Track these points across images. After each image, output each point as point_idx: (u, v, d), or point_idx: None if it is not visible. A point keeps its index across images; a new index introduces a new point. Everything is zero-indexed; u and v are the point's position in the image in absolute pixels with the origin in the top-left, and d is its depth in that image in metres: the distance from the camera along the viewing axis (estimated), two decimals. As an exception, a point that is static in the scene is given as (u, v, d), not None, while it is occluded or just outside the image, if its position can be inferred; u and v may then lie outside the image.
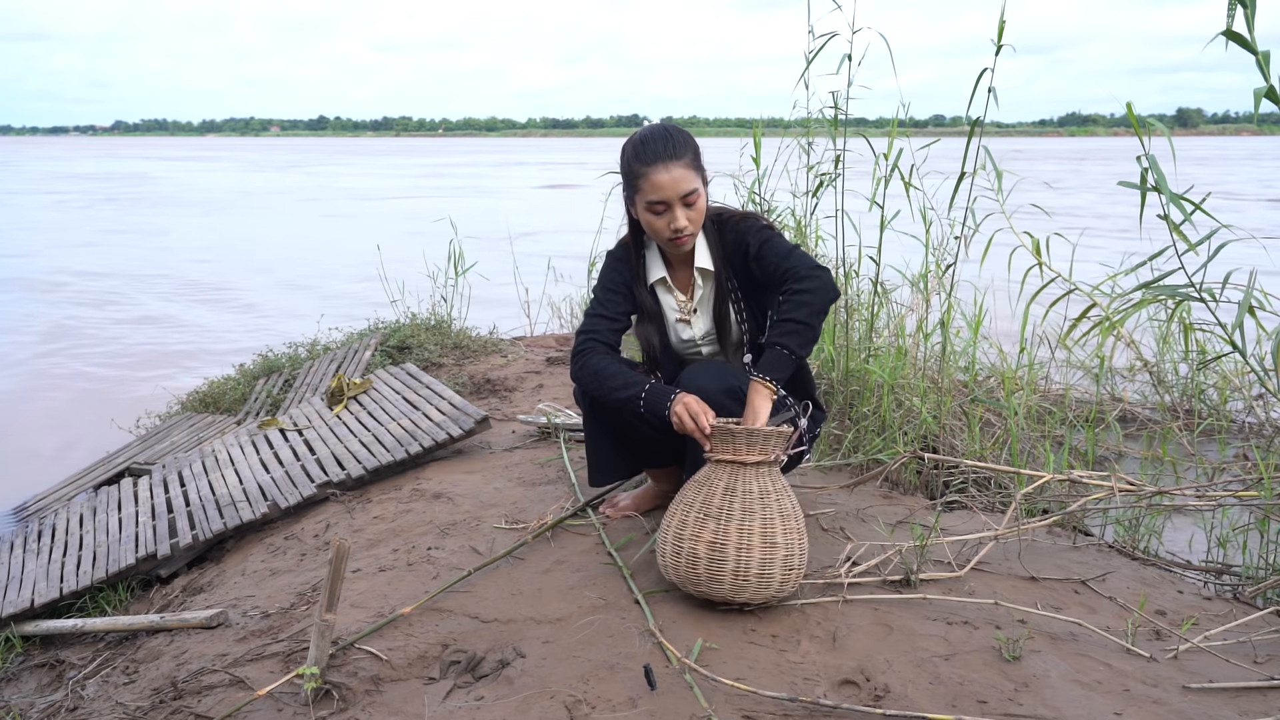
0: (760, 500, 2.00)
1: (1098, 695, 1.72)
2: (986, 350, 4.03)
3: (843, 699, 1.71)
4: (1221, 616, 2.11)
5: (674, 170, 2.21)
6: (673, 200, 2.22)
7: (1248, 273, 2.32)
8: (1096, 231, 13.15)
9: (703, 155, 2.32)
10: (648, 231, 2.33)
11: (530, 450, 3.31)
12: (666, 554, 2.04)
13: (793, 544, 1.99)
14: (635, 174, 2.25)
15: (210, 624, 2.30)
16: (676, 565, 2.01)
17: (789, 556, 1.98)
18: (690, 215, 2.25)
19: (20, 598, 2.89)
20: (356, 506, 2.99)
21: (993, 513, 2.77)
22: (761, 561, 1.95)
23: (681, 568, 2.00)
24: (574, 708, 1.69)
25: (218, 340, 8.01)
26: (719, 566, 1.96)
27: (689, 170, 2.23)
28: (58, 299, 9.83)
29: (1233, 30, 2.06)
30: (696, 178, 2.25)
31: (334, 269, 11.78)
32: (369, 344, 4.89)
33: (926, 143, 3.54)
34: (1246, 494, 2.47)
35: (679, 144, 2.24)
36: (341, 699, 1.80)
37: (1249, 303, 2.24)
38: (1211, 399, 3.89)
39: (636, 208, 2.30)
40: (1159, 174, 2.25)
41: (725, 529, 1.97)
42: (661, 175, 2.21)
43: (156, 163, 52.85)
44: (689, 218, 2.25)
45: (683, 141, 2.25)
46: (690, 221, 2.26)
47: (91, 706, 2.14)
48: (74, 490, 4.15)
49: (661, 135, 2.25)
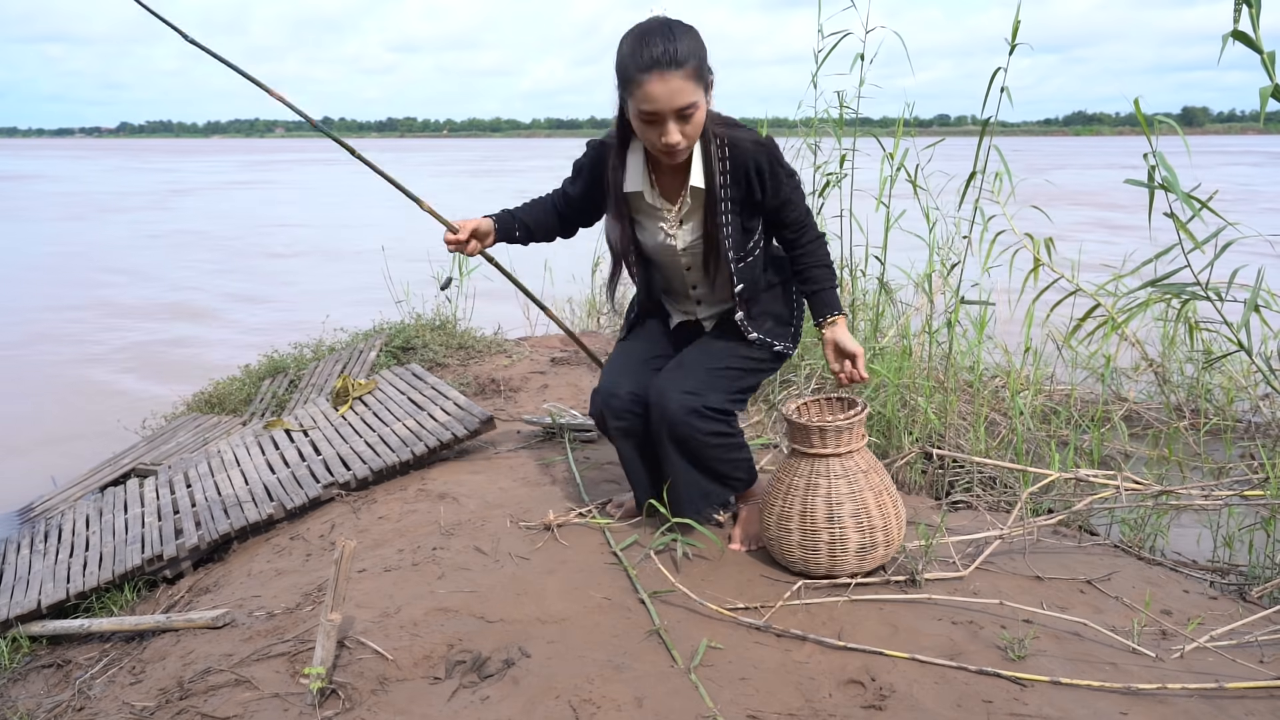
0: (848, 481, 2.14)
1: (1103, 695, 1.72)
2: (991, 350, 4.02)
3: (847, 699, 1.71)
4: (1227, 616, 2.10)
5: (671, 81, 1.96)
6: (666, 113, 2.00)
7: (1254, 271, 2.32)
8: (1099, 231, 13.13)
9: (708, 57, 2.05)
10: (638, 134, 2.12)
11: (535, 450, 3.31)
12: (780, 541, 2.20)
13: (889, 516, 2.14)
14: (629, 77, 2.01)
15: (216, 624, 2.31)
16: (787, 550, 2.19)
17: (886, 527, 2.14)
18: (685, 130, 2.04)
19: (27, 598, 2.90)
20: (362, 507, 2.99)
21: (998, 512, 2.76)
22: (859, 538, 2.12)
23: (797, 552, 2.17)
24: (579, 707, 1.69)
25: (219, 340, 8.03)
26: (815, 544, 2.14)
27: (688, 82, 1.98)
28: (60, 300, 9.86)
29: (1239, 30, 2.06)
30: (697, 89, 2.00)
31: (337, 269, 11.80)
32: (374, 344, 4.90)
33: (931, 142, 3.54)
34: (1252, 494, 2.47)
35: (681, 49, 1.96)
36: (347, 699, 1.81)
37: (1255, 301, 2.24)
38: (1217, 398, 3.88)
39: (628, 110, 2.08)
40: (1169, 171, 2.25)
41: (817, 512, 2.14)
42: (656, 86, 1.97)
43: (159, 167, 52.94)
44: (684, 132, 2.04)
45: (686, 46, 1.98)
46: (685, 136, 2.05)
47: (98, 706, 2.14)
48: (80, 491, 4.16)
49: (662, 35, 1.97)
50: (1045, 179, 6.27)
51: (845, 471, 2.15)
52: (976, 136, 2.99)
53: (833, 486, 2.14)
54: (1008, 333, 4.16)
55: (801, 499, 2.15)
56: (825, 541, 2.12)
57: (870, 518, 2.12)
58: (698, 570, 2.25)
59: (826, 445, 2.15)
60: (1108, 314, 2.99)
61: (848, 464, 2.16)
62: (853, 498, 2.13)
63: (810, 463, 2.17)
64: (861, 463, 2.17)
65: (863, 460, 2.18)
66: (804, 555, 2.16)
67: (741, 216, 2.27)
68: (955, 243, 3.42)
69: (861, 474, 2.15)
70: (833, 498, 2.13)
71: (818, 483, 2.15)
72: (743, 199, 2.24)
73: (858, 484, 2.14)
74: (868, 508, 2.12)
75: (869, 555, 2.14)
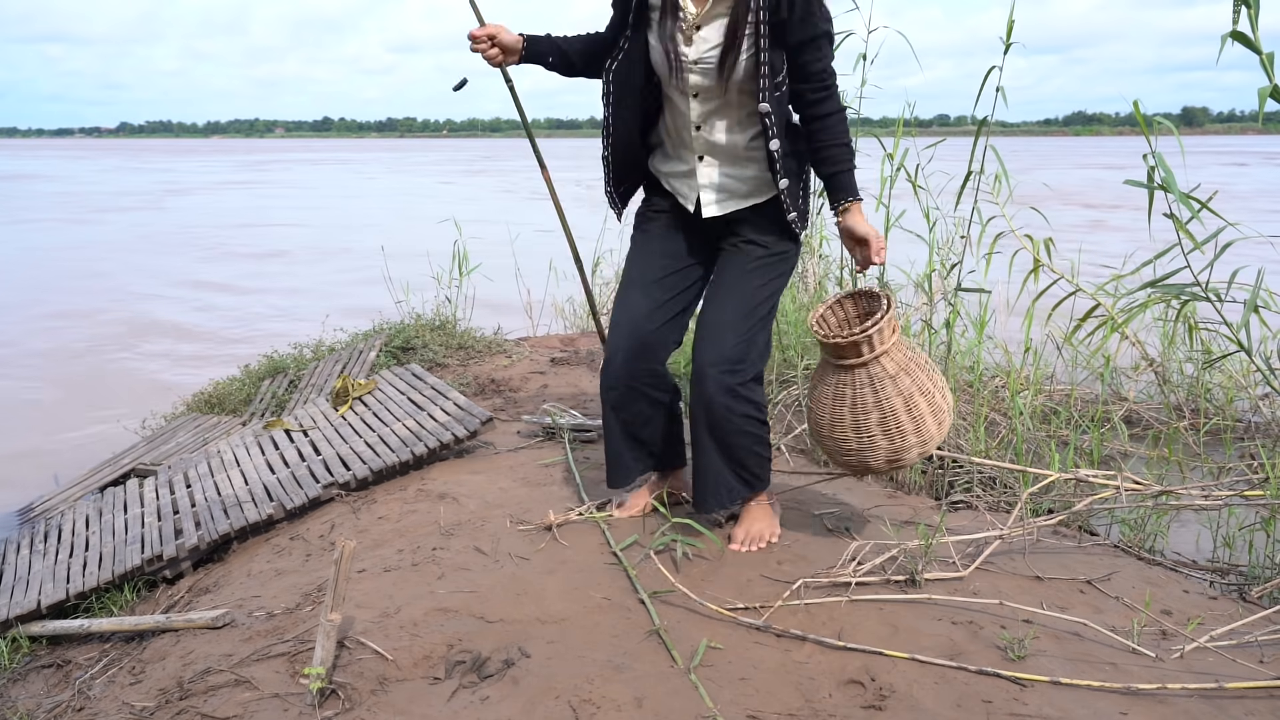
0: (873, 390, 2.19)
1: (1103, 695, 1.72)
2: (991, 350, 4.02)
3: (847, 699, 1.71)
4: (1227, 616, 2.10)
5: None
6: None
7: (1254, 271, 2.32)
8: (1098, 230, 13.13)
9: None
10: None
11: (535, 451, 3.31)
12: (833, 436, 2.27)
13: (921, 417, 2.19)
14: None
15: (216, 624, 2.31)
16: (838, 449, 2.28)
17: (919, 429, 2.19)
18: None
19: (27, 598, 2.90)
20: (361, 507, 2.99)
21: (998, 512, 2.76)
22: (886, 444, 2.20)
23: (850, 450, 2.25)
24: (579, 708, 1.70)
25: (219, 340, 8.03)
26: (846, 449, 2.24)
27: None
28: (62, 298, 9.86)
29: (1238, 31, 2.06)
30: None
31: (336, 269, 11.80)
32: (374, 345, 4.89)
33: (932, 142, 3.54)
34: (1252, 494, 2.47)
35: None
36: (347, 699, 1.81)
37: (1255, 301, 2.24)
38: (1217, 398, 3.88)
39: None
40: (1167, 172, 2.25)
41: (844, 421, 2.23)
42: None
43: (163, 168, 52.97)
44: None
45: None
46: None
47: (98, 706, 2.14)
48: (80, 491, 4.16)
49: None
50: (1043, 183, 6.29)
51: (871, 379, 2.19)
52: (978, 137, 2.99)
53: (858, 395, 2.20)
54: (1008, 333, 4.16)
55: (830, 407, 2.25)
56: (854, 449, 2.23)
57: (899, 422, 2.17)
58: (698, 570, 2.25)
59: (846, 357, 2.20)
60: (1108, 314, 2.99)
61: (873, 370, 2.18)
62: (879, 405, 2.18)
63: (835, 372, 2.24)
64: (890, 366, 2.19)
65: (892, 363, 2.19)
66: (859, 451, 2.25)
67: (769, 39, 2.13)
68: (955, 243, 3.42)
69: (889, 379, 2.18)
70: (858, 406, 2.20)
71: (843, 392, 2.23)
72: (771, 20, 2.12)
73: (884, 390, 2.18)
74: (895, 413, 2.17)
75: (904, 456, 2.22)
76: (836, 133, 2.22)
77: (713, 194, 2.34)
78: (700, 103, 2.26)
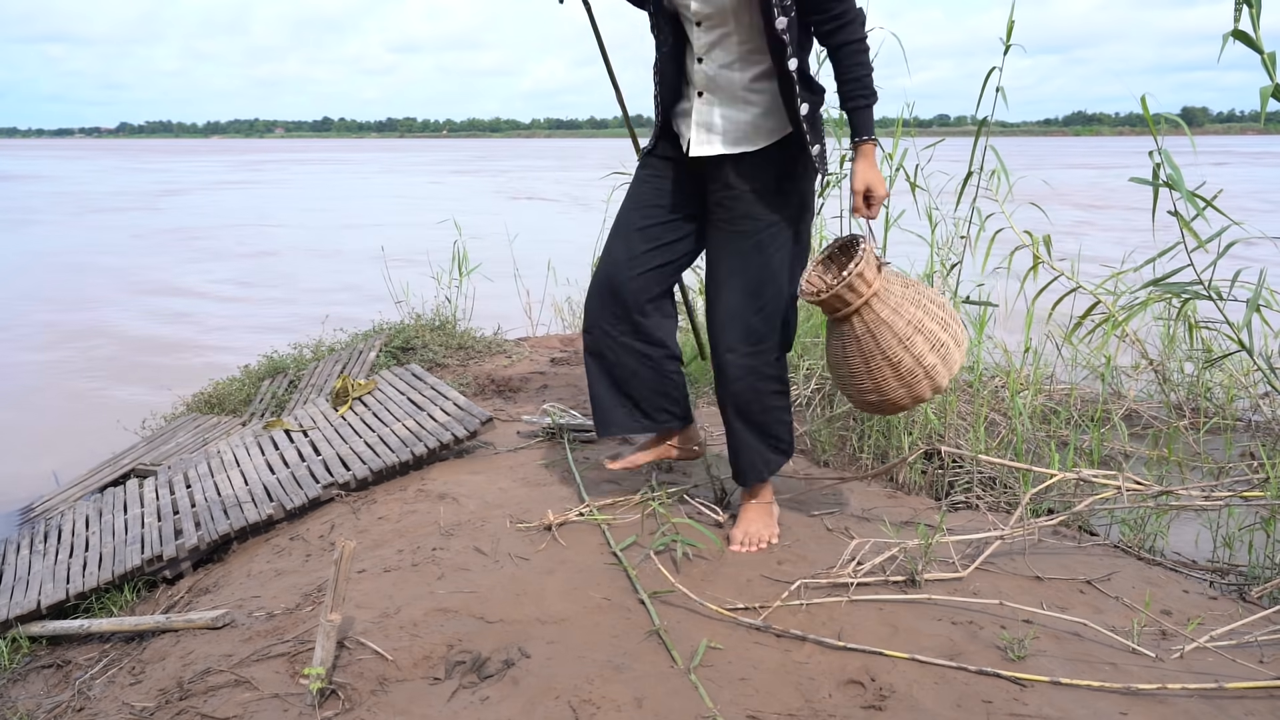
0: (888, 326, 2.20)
1: (1103, 695, 1.72)
2: (991, 350, 4.02)
3: (847, 699, 1.71)
4: (1227, 616, 2.10)
5: None
6: None
7: (1257, 271, 2.32)
8: (1085, 229, 13.14)
9: None
10: None
11: (535, 451, 3.31)
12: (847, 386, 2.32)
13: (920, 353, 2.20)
14: None
15: (216, 624, 2.31)
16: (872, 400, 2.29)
17: (936, 346, 2.21)
18: None
19: (27, 599, 2.90)
20: (361, 507, 2.99)
21: (998, 513, 2.76)
22: (931, 363, 2.21)
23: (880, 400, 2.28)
24: (579, 708, 1.69)
25: (218, 340, 8.03)
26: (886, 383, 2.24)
27: None
28: (61, 298, 9.86)
29: (1239, 30, 2.06)
30: None
31: (336, 269, 11.80)
32: (373, 345, 4.89)
33: (931, 142, 3.54)
34: (1252, 494, 2.47)
35: None
36: (347, 699, 1.81)
37: (1257, 301, 2.24)
38: (1218, 398, 3.88)
39: None
40: (1174, 169, 2.25)
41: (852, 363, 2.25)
42: None
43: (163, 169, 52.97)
44: None
45: None
46: None
47: (98, 707, 2.14)
48: (80, 491, 4.16)
49: None
50: (1042, 180, 6.29)
51: (868, 325, 2.21)
52: (978, 137, 2.99)
53: (861, 343, 2.23)
54: (1008, 332, 4.16)
55: (841, 360, 2.30)
56: (873, 394, 2.26)
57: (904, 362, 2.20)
58: (698, 570, 2.25)
59: (837, 310, 2.23)
60: (1108, 312, 2.99)
61: (867, 316, 2.21)
62: (880, 349, 2.21)
63: (836, 327, 2.29)
64: (881, 309, 2.21)
65: (883, 305, 2.21)
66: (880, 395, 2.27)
67: None
68: (955, 242, 3.42)
69: (883, 324, 2.20)
70: (865, 352, 2.23)
71: (848, 344, 2.27)
72: None
73: (882, 337, 2.20)
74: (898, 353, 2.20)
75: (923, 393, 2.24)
76: (847, 65, 2.13)
77: (704, 133, 2.24)
78: (704, 31, 2.18)
